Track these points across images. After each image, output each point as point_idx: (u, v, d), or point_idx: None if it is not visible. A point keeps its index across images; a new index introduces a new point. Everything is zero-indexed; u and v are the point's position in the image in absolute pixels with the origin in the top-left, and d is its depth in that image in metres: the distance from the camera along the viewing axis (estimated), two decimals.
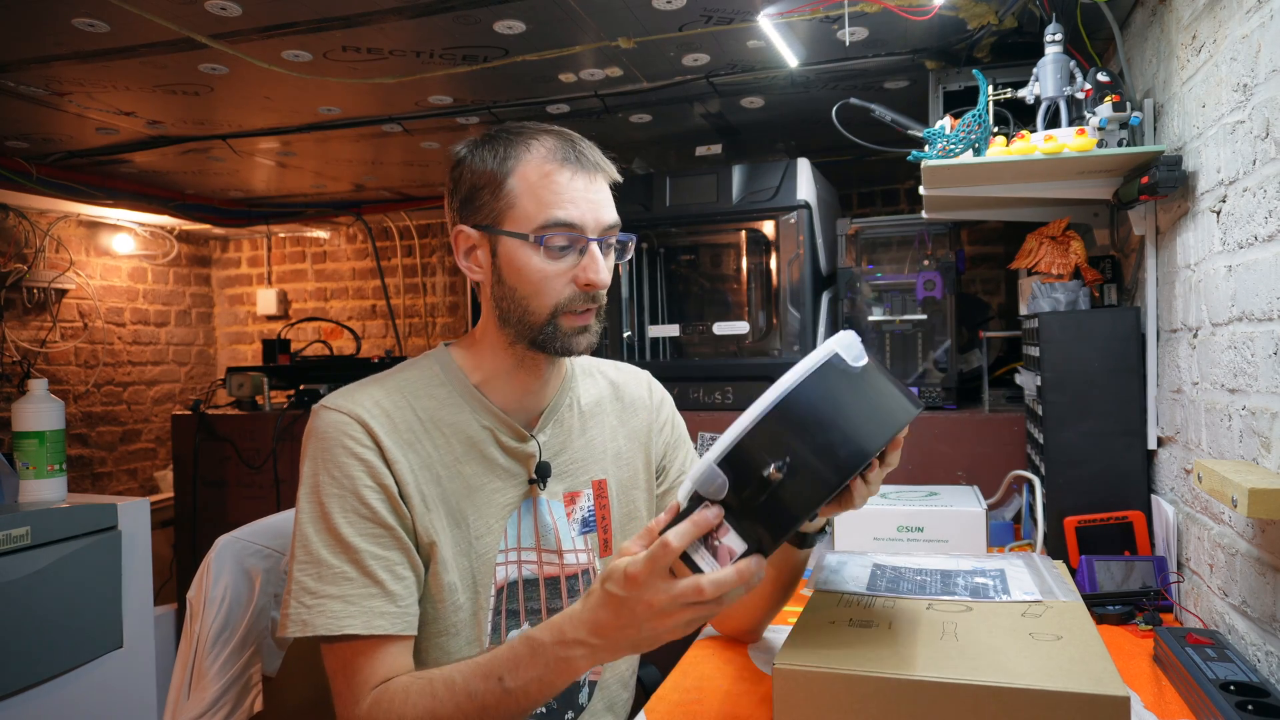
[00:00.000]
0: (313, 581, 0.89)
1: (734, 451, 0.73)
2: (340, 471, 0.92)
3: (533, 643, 0.83)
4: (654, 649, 0.80)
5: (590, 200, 0.96)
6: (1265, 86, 0.95)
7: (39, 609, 1.63)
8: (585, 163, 0.97)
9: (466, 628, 0.98)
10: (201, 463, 2.69)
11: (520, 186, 0.95)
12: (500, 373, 1.03)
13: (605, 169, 1.00)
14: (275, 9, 1.66)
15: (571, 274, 0.96)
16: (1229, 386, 1.07)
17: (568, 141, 0.98)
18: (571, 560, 1.06)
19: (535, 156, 0.96)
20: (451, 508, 0.98)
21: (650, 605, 0.75)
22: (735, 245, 2.45)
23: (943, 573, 1.01)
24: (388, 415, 0.96)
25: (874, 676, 0.74)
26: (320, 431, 0.94)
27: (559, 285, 0.96)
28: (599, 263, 0.96)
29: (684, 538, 0.74)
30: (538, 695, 0.84)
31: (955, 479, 1.95)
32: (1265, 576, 0.97)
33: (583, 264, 0.96)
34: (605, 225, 0.98)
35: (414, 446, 0.96)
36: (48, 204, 3.22)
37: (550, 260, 0.96)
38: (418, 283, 4.00)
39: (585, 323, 0.98)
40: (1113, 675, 0.70)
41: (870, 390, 0.76)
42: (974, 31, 1.70)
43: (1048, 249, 1.59)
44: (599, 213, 0.97)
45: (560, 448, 1.07)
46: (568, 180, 0.95)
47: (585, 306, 0.98)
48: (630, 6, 1.68)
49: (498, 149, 0.97)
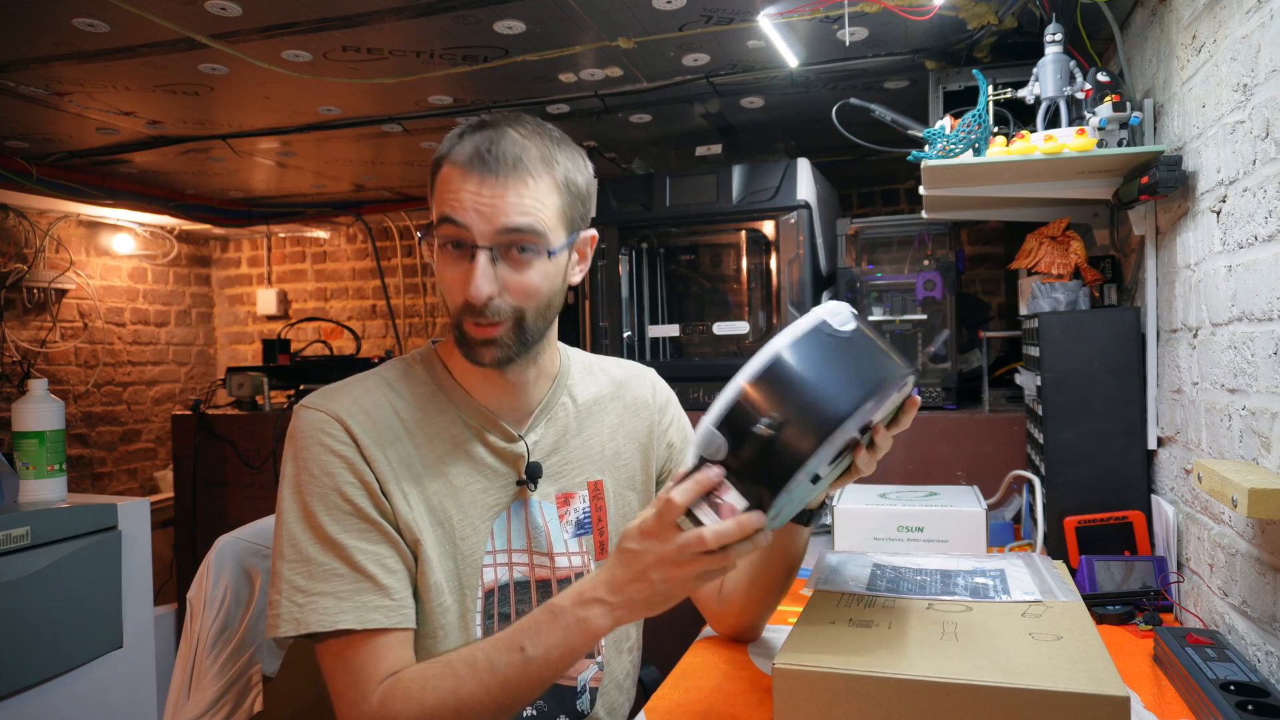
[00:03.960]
0: (303, 580, 0.89)
1: (728, 413, 0.78)
2: (321, 469, 0.91)
3: (552, 608, 0.85)
4: (669, 607, 0.83)
5: (478, 202, 0.89)
6: (1265, 86, 0.95)
7: (39, 609, 1.63)
8: (484, 164, 0.90)
9: (454, 629, 0.97)
10: (201, 463, 2.69)
11: (437, 183, 0.94)
12: (473, 373, 1.01)
13: (523, 168, 0.91)
14: (275, 9, 1.66)
15: (463, 281, 0.91)
16: (1229, 386, 1.07)
17: (482, 137, 0.92)
18: (563, 563, 1.04)
19: (449, 159, 0.93)
20: (433, 507, 0.96)
21: (660, 557, 0.79)
22: (735, 245, 2.45)
23: (943, 573, 1.01)
24: (366, 414, 0.95)
25: (874, 676, 0.74)
26: (300, 431, 0.94)
27: (454, 290, 0.92)
28: (477, 272, 0.89)
29: (687, 494, 0.78)
30: (559, 662, 0.85)
31: (955, 479, 1.95)
32: (1265, 576, 0.97)
33: (468, 270, 0.91)
34: (499, 229, 0.89)
35: (394, 445, 0.95)
36: (48, 204, 3.22)
37: (445, 260, 0.92)
38: (418, 283, 4.00)
39: (485, 335, 0.92)
40: (1113, 675, 0.70)
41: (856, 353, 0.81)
42: (974, 31, 1.70)
43: (1048, 249, 1.59)
44: (491, 215, 0.89)
45: (553, 448, 1.05)
46: (460, 179, 0.90)
47: (478, 319, 0.92)
48: (630, 6, 1.68)
49: (442, 145, 0.95)
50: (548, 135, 0.96)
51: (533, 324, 0.95)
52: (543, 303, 0.96)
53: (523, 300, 0.93)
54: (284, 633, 0.88)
